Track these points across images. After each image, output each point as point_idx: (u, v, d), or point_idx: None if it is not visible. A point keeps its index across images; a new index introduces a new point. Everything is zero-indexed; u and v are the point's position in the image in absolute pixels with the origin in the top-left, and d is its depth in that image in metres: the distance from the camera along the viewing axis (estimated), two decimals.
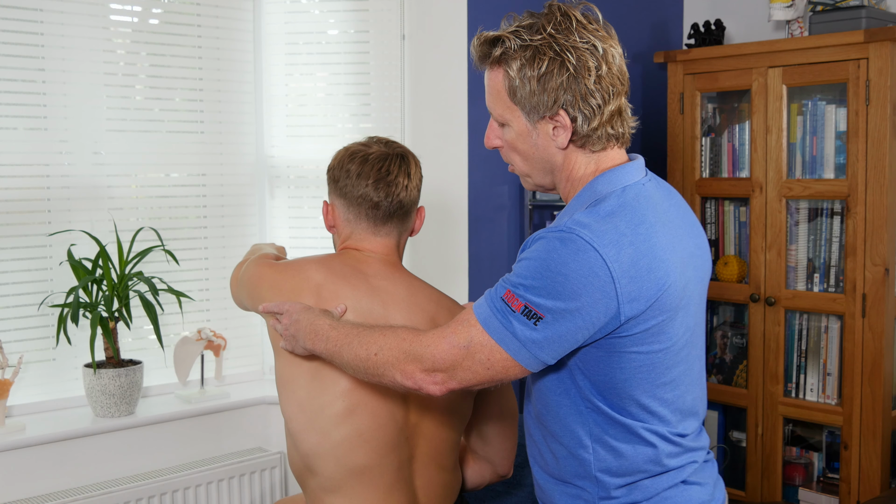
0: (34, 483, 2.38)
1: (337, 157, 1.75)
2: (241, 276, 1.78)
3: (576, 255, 1.28)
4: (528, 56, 1.37)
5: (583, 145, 1.41)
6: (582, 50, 1.36)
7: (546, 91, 1.37)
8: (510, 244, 3.19)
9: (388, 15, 2.91)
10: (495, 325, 1.32)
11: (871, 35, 2.68)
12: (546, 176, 1.47)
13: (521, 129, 1.43)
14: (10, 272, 2.46)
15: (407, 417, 1.67)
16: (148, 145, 2.68)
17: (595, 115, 1.38)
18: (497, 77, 1.42)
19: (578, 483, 1.43)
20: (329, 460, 1.62)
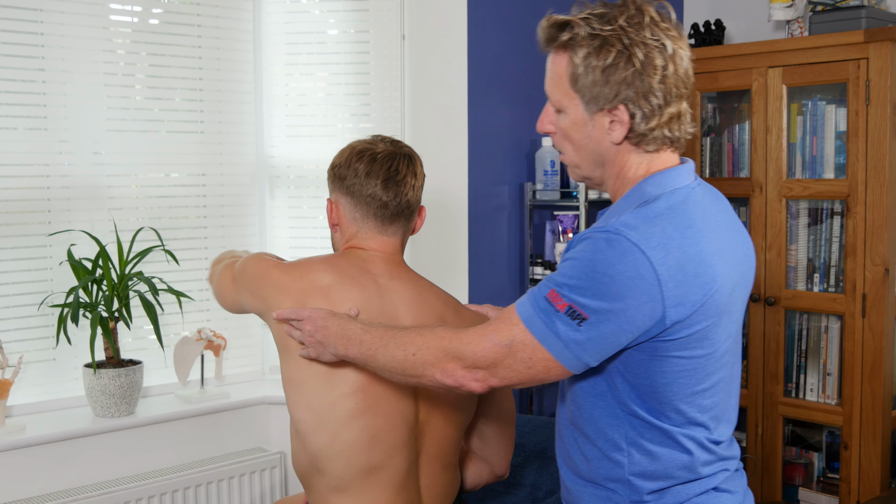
0: (34, 483, 2.38)
1: (343, 154, 1.73)
2: (238, 276, 1.74)
3: (622, 256, 1.27)
4: (596, 45, 1.34)
5: (637, 143, 1.39)
6: (651, 47, 1.34)
7: (609, 83, 1.34)
8: (510, 244, 3.19)
9: (388, 15, 2.91)
10: (538, 324, 1.30)
11: (871, 35, 2.68)
12: (596, 169, 1.44)
13: (577, 117, 1.40)
14: (10, 272, 2.46)
15: (416, 416, 1.67)
16: (148, 145, 2.68)
17: (654, 115, 1.36)
18: (561, 62, 1.39)
19: (610, 486, 1.42)
20: (339, 460, 1.60)
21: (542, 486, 2.35)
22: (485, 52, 3.06)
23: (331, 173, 1.74)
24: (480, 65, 3.05)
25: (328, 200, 1.75)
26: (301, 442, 1.64)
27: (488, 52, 3.07)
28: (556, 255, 3.17)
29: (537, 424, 2.57)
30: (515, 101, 3.18)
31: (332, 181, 1.74)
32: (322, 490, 1.65)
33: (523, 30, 3.18)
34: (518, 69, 3.18)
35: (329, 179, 1.75)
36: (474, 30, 3.02)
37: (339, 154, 1.74)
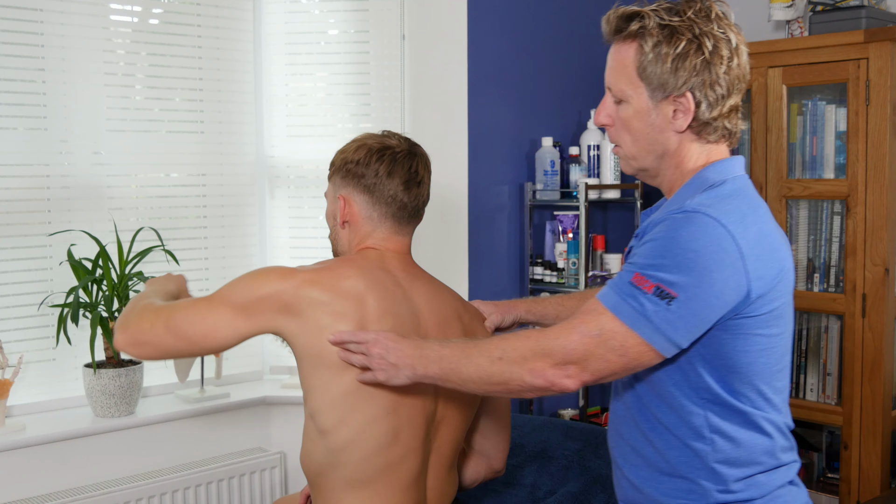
0: (34, 483, 2.38)
1: (357, 151, 1.68)
2: (250, 301, 1.56)
3: (704, 231, 1.29)
4: (666, 34, 1.38)
5: (699, 133, 1.42)
6: (719, 38, 1.38)
7: (678, 71, 1.37)
8: (510, 244, 3.19)
9: (388, 15, 2.91)
10: (626, 309, 1.30)
11: (871, 35, 2.68)
12: (654, 160, 1.45)
13: (640, 106, 1.42)
14: (10, 272, 2.46)
15: (434, 417, 1.67)
16: (148, 145, 2.68)
17: (717, 105, 1.39)
18: (628, 51, 1.42)
19: (691, 476, 1.40)
20: (361, 456, 1.59)
21: (542, 486, 2.35)
22: (485, 52, 3.06)
23: (343, 169, 1.69)
24: (480, 65, 3.05)
25: (340, 197, 1.70)
26: (321, 436, 1.60)
27: (488, 52, 3.07)
28: (556, 255, 3.17)
29: (537, 424, 2.56)
30: (515, 100, 3.18)
31: (344, 177, 1.69)
32: (335, 485, 1.62)
33: (523, 30, 3.18)
34: (518, 69, 3.18)
35: (339, 175, 1.70)
36: (474, 30, 3.02)
37: (351, 150, 1.69)
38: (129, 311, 1.61)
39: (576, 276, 3.09)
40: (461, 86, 2.99)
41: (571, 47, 3.33)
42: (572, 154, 3.21)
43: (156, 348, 1.57)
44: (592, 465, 2.29)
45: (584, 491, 2.22)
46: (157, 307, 1.59)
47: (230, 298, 1.57)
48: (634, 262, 1.33)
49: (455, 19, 2.96)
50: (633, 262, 1.33)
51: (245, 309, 1.56)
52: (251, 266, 2.89)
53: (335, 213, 1.73)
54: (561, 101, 3.32)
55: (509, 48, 3.14)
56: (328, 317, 1.55)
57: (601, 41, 1.51)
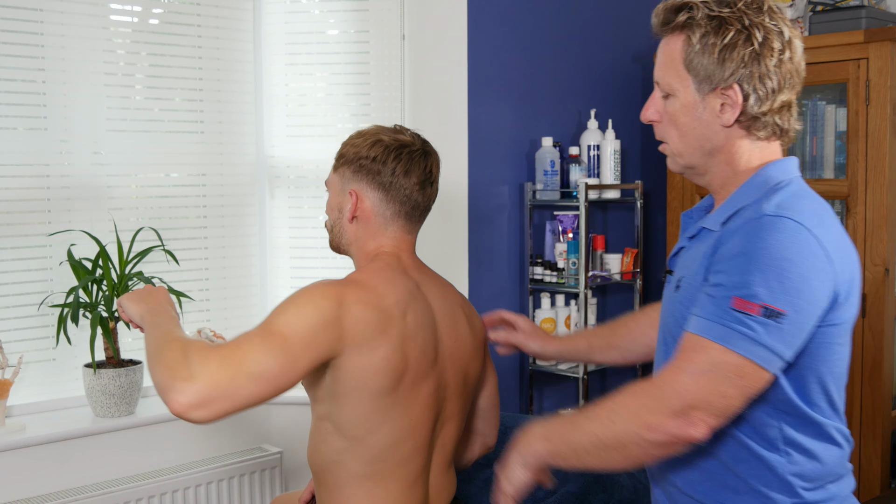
0: (34, 483, 2.38)
1: (371, 146, 1.65)
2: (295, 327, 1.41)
3: (794, 237, 1.23)
4: (714, 25, 1.34)
5: (748, 128, 1.37)
6: (770, 30, 1.34)
7: (725, 62, 1.33)
8: (510, 244, 3.19)
9: (388, 15, 2.91)
10: (737, 338, 1.22)
11: (871, 35, 2.68)
12: (701, 157, 1.41)
13: (687, 100, 1.38)
14: (10, 272, 2.46)
15: (441, 413, 1.68)
16: (148, 145, 2.68)
17: (767, 99, 1.35)
18: (676, 43, 1.39)
19: (763, 489, 1.34)
20: (373, 453, 1.59)
21: (541, 486, 2.35)
22: (485, 52, 3.06)
23: (356, 163, 1.66)
24: (480, 65, 3.05)
25: (352, 192, 1.66)
26: (338, 432, 1.59)
27: (488, 52, 3.07)
28: (556, 255, 3.17)
29: None
30: (515, 101, 3.18)
31: (356, 171, 1.66)
32: (344, 481, 1.61)
33: (523, 30, 3.18)
34: (518, 69, 3.18)
35: (351, 169, 1.67)
36: (474, 30, 3.02)
37: (363, 144, 1.66)
38: (177, 360, 1.30)
39: (576, 276, 3.09)
40: (461, 86, 2.99)
41: (571, 47, 3.33)
42: (572, 154, 3.21)
43: (232, 402, 1.31)
44: None
45: (584, 491, 2.22)
46: (218, 350, 1.33)
47: (291, 329, 1.41)
48: (725, 283, 1.24)
49: (455, 19, 2.96)
50: (723, 283, 1.25)
51: (309, 339, 1.43)
52: (251, 266, 2.89)
53: (341, 207, 1.70)
54: (561, 101, 3.32)
55: (509, 48, 3.14)
56: (375, 337, 1.53)
57: (601, 41, 1.50)
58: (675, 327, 1.39)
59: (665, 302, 1.49)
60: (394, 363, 1.55)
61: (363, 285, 1.56)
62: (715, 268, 1.29)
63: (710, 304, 1.26)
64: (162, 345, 1.36)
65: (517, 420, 2.58)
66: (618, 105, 3.50)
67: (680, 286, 1.40)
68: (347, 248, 1.73)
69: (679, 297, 1.39)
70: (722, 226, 1.35)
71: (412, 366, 1.59)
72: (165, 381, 1.28)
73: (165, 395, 1.28)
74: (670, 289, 1.46)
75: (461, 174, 3.00)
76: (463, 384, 1.73)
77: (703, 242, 1.39)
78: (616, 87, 3.50)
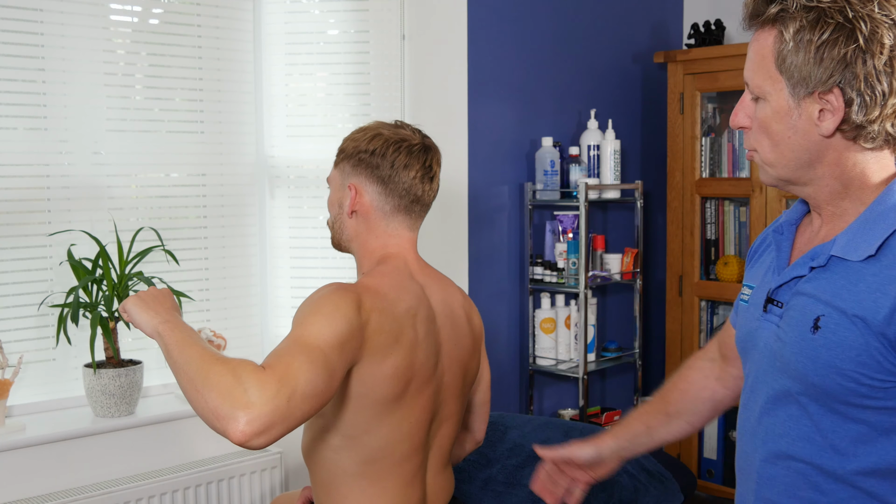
0: (34, 483, 2.38)
1: (372, 141, 1.65)
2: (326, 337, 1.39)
3: None
4: (811, 18, 1.15)
5: (854, 138, 1.18)
6: (879, 22, 1.14)
7: (822, 61, 1.15)
8: (510, 244, 3.19)
9: (388, 15, 2.91)
10: None
11: None
12: (798, 169, 1.23)
13: (779, 105, 1.20)
14: (10, 272, 2.46)
15: (438, 414, 1.69)
16: (148, 145, 2.68)
17: (876, 104, 1.15)
18: (767, 39, 1.21)
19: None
20: (370, 452, 1.59)
21: None
22: (485, 52, 3.06)
23: (355, 157, 1.65)
24: (480, 65, 3.05)
25: (352, 186, 1.66)
26: (334, 427, 1.59)
27: (488, 52, 3.07)
28: (556, 254, 3.18)
29: (537, 424, 2.57)
30: (515, 101, 3.18)
31: (356, 166, 1.66)
32: (341, 479, 1.61)
33: (523, 30, 3.18)
34: (518, 69, 3.18)
35: (350, 163, 1.67)
36: (474, 30, 3.02)
37: (362, 139, 1.66)
38: (231, 385, 1.25)
39: (576, 276, 3.09)
40: (461, 86, 2.99)
41: (571, 47, 3.33)
42: (572, 154, 3.21)
43: (290, 424, 1.28)
44: None
45: None
46: (260, 370, 1.30)
47: (325, 342, 1.38)
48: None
49: (455, 19, 2.96)
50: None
51: (340, 349, 1.41)
52: (251, 266, 2.89)
53: (342, 202, 1.69)
54: (561, 101, 3.32)
55: (509, 48, 3.14)
56: (389, 345, 1.53)
57: (601, 41, 1.42)
58: (813, 374, 1.20)
59: (767, 334, 1.29)
60: (402, 371, 1.55)
61: (376, 292, 1.55)
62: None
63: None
64: (204, 367, 1.30)
65: (517, 420, 2.58)
66: (618, 105, 3.50)
67: (820, 327, 1.19)
68: (349, 245, 1.72)
69: (822, 340, 1.18)
70: (870, 258, 1.17)
71: (418, 373, 1.59)
72: (223, 409, 1.23)
73: (223, 422, 1.23)
74: (797, 327, 1.23)
75: (461, 174, 3.01)
76: (461, 385, 1.73)
77: (843, 275, 1.19)
78: (616, 87, 3.50)
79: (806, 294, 1.22)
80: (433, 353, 1.64)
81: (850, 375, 1.16)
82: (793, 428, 1.23)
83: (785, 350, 1.23)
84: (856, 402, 1.17)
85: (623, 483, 2.33)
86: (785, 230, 1.34)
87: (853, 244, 1.18)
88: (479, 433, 1.93)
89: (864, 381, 1.15)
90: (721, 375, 1.57)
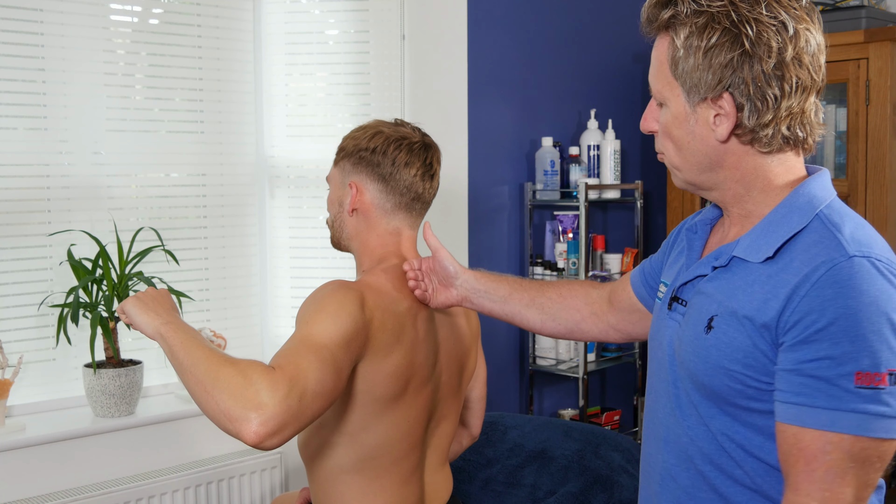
0: (34, 483, 2.38)
1: (372, 139, 1.65)
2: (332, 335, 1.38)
3: (887, 280, 1.06)
4: (701, 24, 1.14)
5: (750, 142, 1.18)
6: (766, 25, 1.13)
7: (711, 67, 1.14)
8: (510, 244, 3.19)
9: (388, 15, 2.91)
10: (870, 421, 1.03)
11: (871, 35, 2.68)
12: (702, 173, 1.22)
13: (678, 110, 1.20)
14: (10, 272, 2.46)
15: (435, 412, 1.69)
16: (148, 145, 2.68)
17: (768, 109, 1.14)
18: (662, 45, 1.22)
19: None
20: (367, 450, 1.59)
21: (542, 486, 2.35)
22: (485, 52, 3.06)
23: (355, 155, 1.65)
24: (480, 65, 3.05)
25: (352, 184, 1.66)
26: (330, 423, 1.58)
27: (488, 52, 3.07)
28: (556, 254, 3.18)
29: (537, 424, 2.56)
30: (515, 101, 3.18)
31: (356, 164, 1.65)
32: (337, 475, 1.60)
33: (523, 30, 3.18)
34: (518, 69, 3.18)
35: (351, 161, 1.66)
36: (474, 30, 3.02)
37: (363, 137, 1.66)
38: (241, 387, 1.25)
39: (576, 276, 3.09)
40: (461, 86, 2.99)
41: (571, 47, 3.33)
42: (572, 154, 3.21)
43: (301, 423, 1.28)
44: (592, 465, 2.29)
45: (584, 491, 2.22)
46: (270, 371, 1.29)
47: (331, 340, 1.38)
48: (834, 355, 1.04)
49: (455, 19, 2.96)
50: (831, 356, 1.04)
51: (345, 347, 1.41)
52: (251, 266, 2.89)
53: (342, 200, 1.69)
54: (561, 101, 3.32)
55: (509, 48, 3.14)
56: (391, 343, 1.53)
57: (601, 41, 1.43)
58: (703, 374, 1.19)
59: (670, 332, 1.28)
60: (403, 369, 1.55)
61: (378, 290, 1.55)
62: (803, 334, 1.07)
63: (822, 387, 1.05)
64: (212, 369, 1.29)
65: (517, 420, 2.58)
66: (618, 105, 3.50)
67: (713, 326, 1.18)
68: (348, 244, 1.71)
69: (713, 340, 1.18)
70: (768, 260, 1.15)
71: (418, 371, 1.59)
72: (235, 410, 1.22)
73: (236, 424, 1.22)
74: (694, 326, 1.22)
75: (461, 174, 3.01)
76: (458, 384, 1.74)
77: (741, 276, 1.18)
78: (616, 87, 3.50)
79: (705, 293, 1.22)
80: (432, 353, 1.64)
81: (736, 377, 1.15)
82: (691, 429, 1.22)
83: (682, 349, 1.23)
84: (743, 405, 1.16)
85: (623, 483, 2.33)
86: (699, 229, 1.33)
87: (754, 246, 1.17)
88: (476, 429, 1.94)
89: (751, 384, 1.14)
90: (598, 312, 1.59)
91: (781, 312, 1.10)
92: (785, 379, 1.09)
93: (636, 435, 3.51)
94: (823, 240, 1.11)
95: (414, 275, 1.62)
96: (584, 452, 2.32)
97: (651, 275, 1.50)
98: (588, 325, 1.59)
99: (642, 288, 1.51)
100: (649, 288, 1.50)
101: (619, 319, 1.57)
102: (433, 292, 1.63)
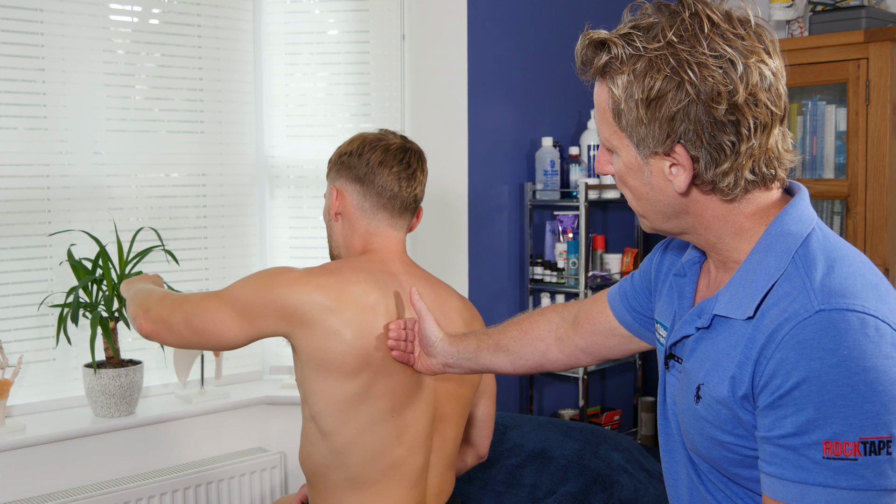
0: (34, 483, 2.38)
1: (353, 143, 1.71)
2: (253, 305, 1.55)
3: (866, 337, 0.94)
4: (639, 70, 1.02)
5: (712, 191, 1.06)
6: (711, 68, 0.99)
7: (657, 120, 1.02)
8: (510, 244, 3.19)
9: (388, 15, 2.91)
10: (843, 495, 0.93)
11: (871, 35, 2.68)
12: (668, 220, 1.11)
13: (630, 161, 1.08)
14: (10, 272, 2.46)
15: (435, 415, 1.68)
16: (148, 145, 2.68)
17: (725, 157, 1.02)
18: (601, 93, 1.09)
19: None
20: (366, 455, 1.59)
21: (542, 486, 2.35)
22: (485, 52, 3.06)
23: (338, 161, 1.71)
24: (480, 65, 3.05)
25: (333, 189, 1.71)
26: (322, 437, 1.60)
27: (488, 52, 3.07)
28: (556, 255, 3.18)
29: (537, 424, 2.56)
30: (515, 101, 3.18)
31: (338, 169, 1.71)
32: (336, 486, 1.62)
33: (523, 30, 3.18)
34: (518, 69, 3.18)
35: (334, 168, 1.72)
36: (474, 30, 3.02)
37: (347, 143, 1.72)
38: (147, 299, 1.65)
39: (576, 276, 3.09)
40: (461, 86, 2.99)
41: (571, 47, 3.32)
42: (572, 154, 3.21)
43: (175, 336, 1.62)
44: (592, 465, 2.29)
45: (584, 491, 2.22)
46: (175, 297, 1.64)
47: (235, 300, 1.57)
48: (800, 426, 0.94)
49: (455, 19, 2.96)
50: (796, 428, 0.95)
51: (247, 312, 1.56)
52: (251, 266, 2.89)
53: (329, 208, 1.73)
54: (561, 101, 3.32)
55: (509, 48, 3.14)
56: (335, 322, 1.54)
57: None
58: (701, 447, 1.11)
59: (673, 390, 1.19)
60: (355, 349, 1.54)
61: (327, 272, 1.59)
62: (769, 399, 0.98)
63: (790, 457, 0.96)
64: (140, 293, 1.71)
65: (517, 420, 2.58)
66: None
67: (700, 396, 1.09)
68: (338, 251, 1.75)
69: (703, 411, 1.08)
70: (749, 319, 1.04)
71: (378, 358, 1.57)
72: (136, 310, 1.67)
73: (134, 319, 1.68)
74: (686, 393, 1.13)
75: (461, 174, 3.01)
76: (457, 385, 1.73)
77: (724, 337, 1.08)
78: None
79: (694, 357, 1.12)
80: None
81: (731, 448, 1.06)
82: (710, 493, 1.15)
83: (682, 416, 1.14)
84: (746, 475, 1.07)
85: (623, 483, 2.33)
86: (688, 271, 1.21)
87: (735, 301, 1.06)
88: (482, 448, 1.92)
89: (748, 453, 1.05)
90: (563, 336, 1.47)
91: (752, 376, 1.01)
92: (760, 446, 1.01)
93: (636, 435, 3.51)
94: (793, 290, 1.00)
95: (396, 335, 1.58)
96: (583, 452, 2.32)
97: (635, 300, 1.37)
98: (554, 353, 1.48)
99: (626, 314, 1.38)
100: (635, 313, 1.37)
101: (590, 342, 1.44)
102: (418, 356, 1.59)
